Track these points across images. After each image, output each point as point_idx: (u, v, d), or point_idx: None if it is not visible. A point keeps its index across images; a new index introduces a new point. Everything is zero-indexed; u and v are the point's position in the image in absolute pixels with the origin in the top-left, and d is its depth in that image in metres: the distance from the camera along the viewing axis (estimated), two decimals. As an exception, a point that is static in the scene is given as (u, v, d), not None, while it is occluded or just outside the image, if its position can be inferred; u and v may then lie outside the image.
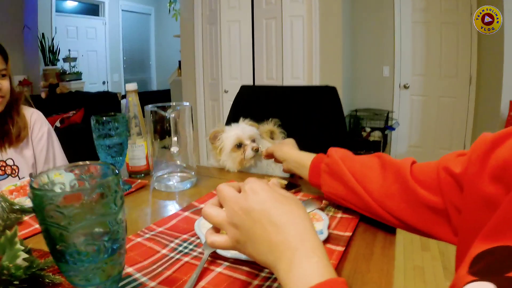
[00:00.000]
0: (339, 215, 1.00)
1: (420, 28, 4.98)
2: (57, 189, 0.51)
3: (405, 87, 5.13)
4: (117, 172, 0.49)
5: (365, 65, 5.32)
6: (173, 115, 1.24)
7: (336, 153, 1.00)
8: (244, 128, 1.48)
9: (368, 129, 4.86)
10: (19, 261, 0.63)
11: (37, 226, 0.98)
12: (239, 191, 0.61)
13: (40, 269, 0.68)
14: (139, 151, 1.40)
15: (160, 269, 0.75)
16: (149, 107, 1.25)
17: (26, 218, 1.02)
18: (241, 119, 1.55)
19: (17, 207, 0.73)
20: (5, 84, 1.51)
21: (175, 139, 1.29)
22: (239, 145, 1.45)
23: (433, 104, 5.09)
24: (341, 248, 0.82)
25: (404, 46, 5.07)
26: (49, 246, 0.48)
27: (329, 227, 0.89)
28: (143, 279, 0.71)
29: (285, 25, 4.32)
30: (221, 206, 0.62)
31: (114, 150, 1.22)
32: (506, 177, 0.56)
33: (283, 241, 0.53)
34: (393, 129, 4.94)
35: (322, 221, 0.91)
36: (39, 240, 0.87)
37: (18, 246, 0.64)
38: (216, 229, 0.62)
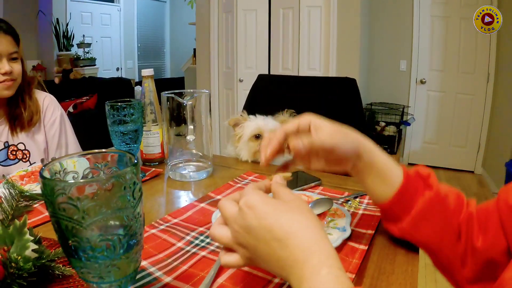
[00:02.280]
0: (361, 211, 0.96)
1: (439, 23, 4.88)
2: (70, 179, 0.47)
3: (422, 82, 5.04)
4: (136, 161, 0.45)
5: (382, 58, 5.24)
6: (190, 102, 1.20)
7: (438, 184, 0.75)
8: (267, 121, 1.43)
9: (382, 123, 4.79)
10: (28, 252, 0.60)
11: (48, 213, 0.95)
12: (241, 204, 0.54)
13: (50, 260, 0.65)
14: (154, 138, 1.37)
15: (175, 263, 0.71)
16: (165, 94, 1.21)
17: (36, 205, 0.99)
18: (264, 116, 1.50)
19: (27, 194, 0.70)
20: (16, 67, 1.50)
21: (191, 127, 1.25)
22: (258, 136, 1.40)
23: (450, 101, 5.00)
24: (364, 247, 0.78)
25: (422, 40, 4.98)
26: (60, 241, 0.44)
27: (351, 223, 0.85)
28: (158, 273, 0.67)
29: (302, 15, 4.26)
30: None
31: (129, 137, 1.18)
32: None
33: (289, 256, 0.48)
34: (409, 124, 4.86)
35: (344, 218, 0.87)
36: (50, 228, 0.84)
37: (28, 236, 0.61)
38: (228, 248, 0.56)
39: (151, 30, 8.89)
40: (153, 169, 1.33)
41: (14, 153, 1.56)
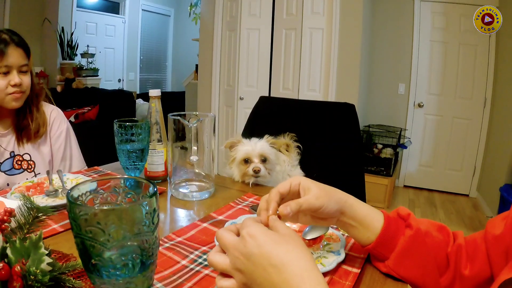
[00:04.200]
0: (355, 237, 1.01)
1: (438, 48, 4.98)
2: (96, 204, 0.52)
3: (420, 105, 5.12)
4: (155, 190, 0.50)
5: (381, 81, 5.32)
6: (195, 125, 1.26)
7: (418, 223, 0.83)
8: (256, 145, 1.50)
9: (380, 146, 4.84)
10: (43, 265, 0.64)
11: (56, 226, 0.99)
12: (238, 233, 0.62)
13: (60, 273, 0.69)
14: (158, 157, 1.41)
15: (180, 280, 0.76)
16: (172, 116, 1.26)
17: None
18: (266, 136, 1.57)
19: (41, 208, 0.74)
20: (25, 80, 1.54)
21: (195, 148, 1.30)
22: (246, 160, 1.49)
23: (447, 125, 5.08)
24: (356, 270, 0.83)
25: (421, 64, 5.07)
26: (83, 258, 0.49)
27: (345, 247, 0.90)
28: (164, 290, 0.72)
29: (304, 37, 4.34)
30: (224, 251, 0.63)
31: (135, 155, 1.24)
32: None
33: (283, 281, 0.54)
34: (405, 147, 4.92)
35: (339, 242, 0.91)
36: (58, 241, 0.89)
37: (43, 250, 0.65)
38: (224, 274, 0.62)
39: (154, 43, 8.97)
40: (157, 187, 1.37)
41: (20, 163, 1.60)
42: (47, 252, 0.65)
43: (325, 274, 0.79)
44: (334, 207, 0.79)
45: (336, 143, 1.80)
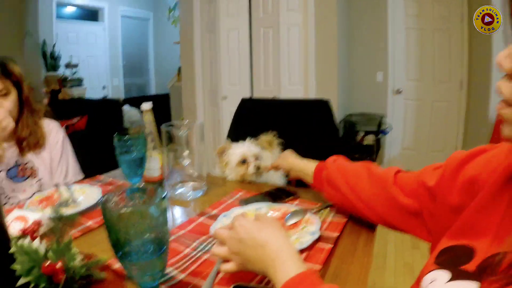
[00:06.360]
0: (329, 219, 1.20)
1: (413, 34, 5.13)
2: (120, 207, 0.69)
3: (398, 92, 5.29)
4: (165, 194, 0.67)
5: (360, 70, 5.49)
6: (185, 134, 1.43)
7: (334, 163, 1.22)
8: (250, 147, 1.68)
9: (362, 133, 5.02)
10: (76, 262, 0.81)
11: (74, 231, 1.16)
12: (230, 227, 0.83)
13: (87, 269, 0.86)
14: (154, 163, 1.56)
15: (186, 264, 0.94)
16: (164, 127, 1.43)
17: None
18: (248, 138, 1.75)
19: (67, 217, 0.91)
20: (6, 104, 1.58)
21: (186, 153, 1.48)
22: (244, 161, 1.65)
23: (426, 108, 5.24)
24: (330, 246, 1.02)
25: (398, 52, 5.22)
26: (116, 248, 0.66)
27: (320, 228, 1.08)
28: (174, 272, 0.91)
29: (281, 34, 4.49)
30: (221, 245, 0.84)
31: (135, 163, 1.40)
32: (471, 190, 0.74)
33: (267, 255, 0.74)
34: (386, 133, 5.09)
35: (314, 224, 1.10)
36: (78, 243, 1.06)
37: (74, 250, 0.82)
38: (225, 260, 0.83)
39: (136, 47, 9.06)
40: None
41: (24, 171, 1.70)
42: (78, 251, 0.83)
43: (303, 250, 0.98)
44: (286, 166, 1.43)
45: (313, 138, 1.98)
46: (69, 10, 7.49)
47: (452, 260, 0.66)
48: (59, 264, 0.76)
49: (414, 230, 0.96)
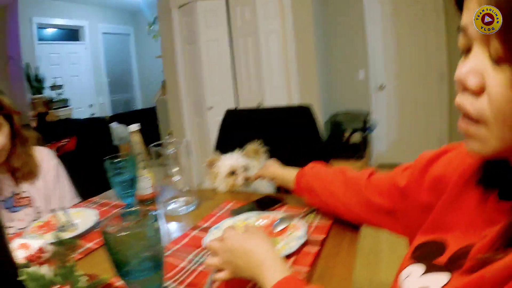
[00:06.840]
0: (316, 222, 1.27)
1: (390, 32, 5.25)
2: (116, 229, 0.76)
3: (381, 88, 5.38)
4: (156, 215, 0.74)
5: (341, 70, 5.58)
6: (172, 152, 1.50)
7: (312, 170, 1.32)
8: (238, 159, 1.75)
9: (349, 132, 5.08)
10: (82, 283, 0.88)
11: (75, 254, 1.22)
12: (221, 239, 0.90)
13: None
14: (145, 182, 1.63)
15: (183, 277, 1.01)
16: (152, 146, 1.50)
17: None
18: (236, 149, 1.82)
19: (69, 241, 0.97)
20: None
21: (176, 169, 1.55)
22: (233, 173, 1.72)
23: (409, 102, 5.33)
24: (316, 248, 1.09)
25: (377, 50, 5.33)
26: (118, 267, 0.73)
27: (307, 232, 1.15)
28: (173, 285, 0.97)
29: (261, 41, 4.56)
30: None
31: (127, 184, 1.46)
32: (438, 189, 0.80)
33: (254, 262, 0.82)
34: (371, 130, 5.18)
35: (301, 229, 1.17)
36: (80, 266, 1.11)
37: (78, 273, 0.89)
38: (219, 270, 0.90)
39: (119, 63, 9.08)
40: (148, 208, 1.60)
41: (20, 200, 1.71)
42: (82, 273, 0.89)
43: (291, 254, 1.05)
44: (270, 175, 1.52)
45: (297, 144, 2.05)
46: (50, 31, 7.49)
47: (426, 255, 0.72)
48: (67, 287, 0.82)
49: (390, 227, 1.03)
